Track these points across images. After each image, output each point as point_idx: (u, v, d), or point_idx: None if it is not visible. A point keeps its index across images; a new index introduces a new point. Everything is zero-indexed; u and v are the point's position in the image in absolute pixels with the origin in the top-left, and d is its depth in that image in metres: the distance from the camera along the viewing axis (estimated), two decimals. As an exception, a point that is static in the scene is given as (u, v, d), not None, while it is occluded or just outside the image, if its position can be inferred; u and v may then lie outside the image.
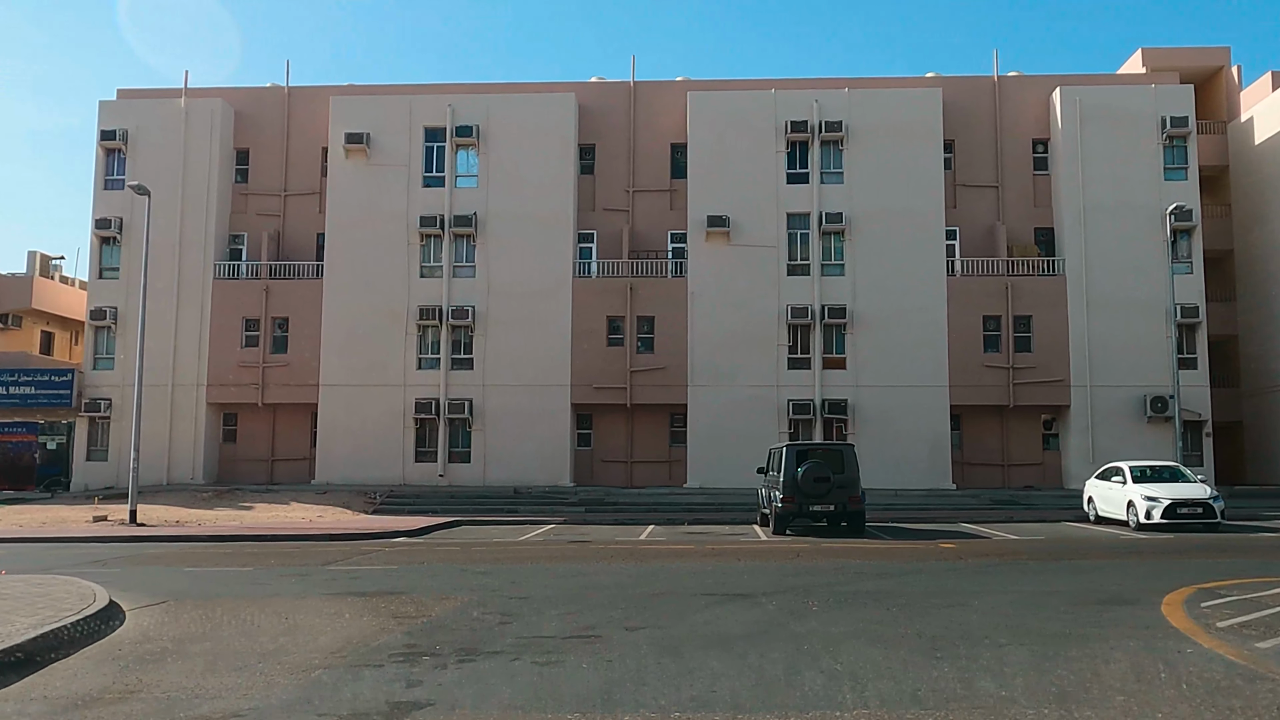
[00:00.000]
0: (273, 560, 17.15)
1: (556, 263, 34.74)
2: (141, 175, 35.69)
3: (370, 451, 34.25)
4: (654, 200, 36.15)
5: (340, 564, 16.33)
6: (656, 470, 34.94)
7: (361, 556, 17.75)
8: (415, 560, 17.02)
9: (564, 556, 17.65)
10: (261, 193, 36.91)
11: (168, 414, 34.99)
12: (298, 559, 17.36)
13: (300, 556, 17.83)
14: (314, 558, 17.52)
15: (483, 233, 34.97)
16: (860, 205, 34.35)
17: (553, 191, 35.06)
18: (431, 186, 35.39)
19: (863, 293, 34.08)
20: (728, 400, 33.81)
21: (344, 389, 34.60)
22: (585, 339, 34.38)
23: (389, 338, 34.70)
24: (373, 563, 16.60)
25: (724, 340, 34.02)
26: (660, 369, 34.18)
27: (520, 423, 34.04)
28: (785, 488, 23.05)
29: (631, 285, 34.53)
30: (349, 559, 17.24)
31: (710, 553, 18.20)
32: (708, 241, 34.50)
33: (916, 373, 33.60)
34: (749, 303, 34.12)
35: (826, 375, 33.96)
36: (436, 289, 34.82)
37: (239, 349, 35.33)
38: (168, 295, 35.35)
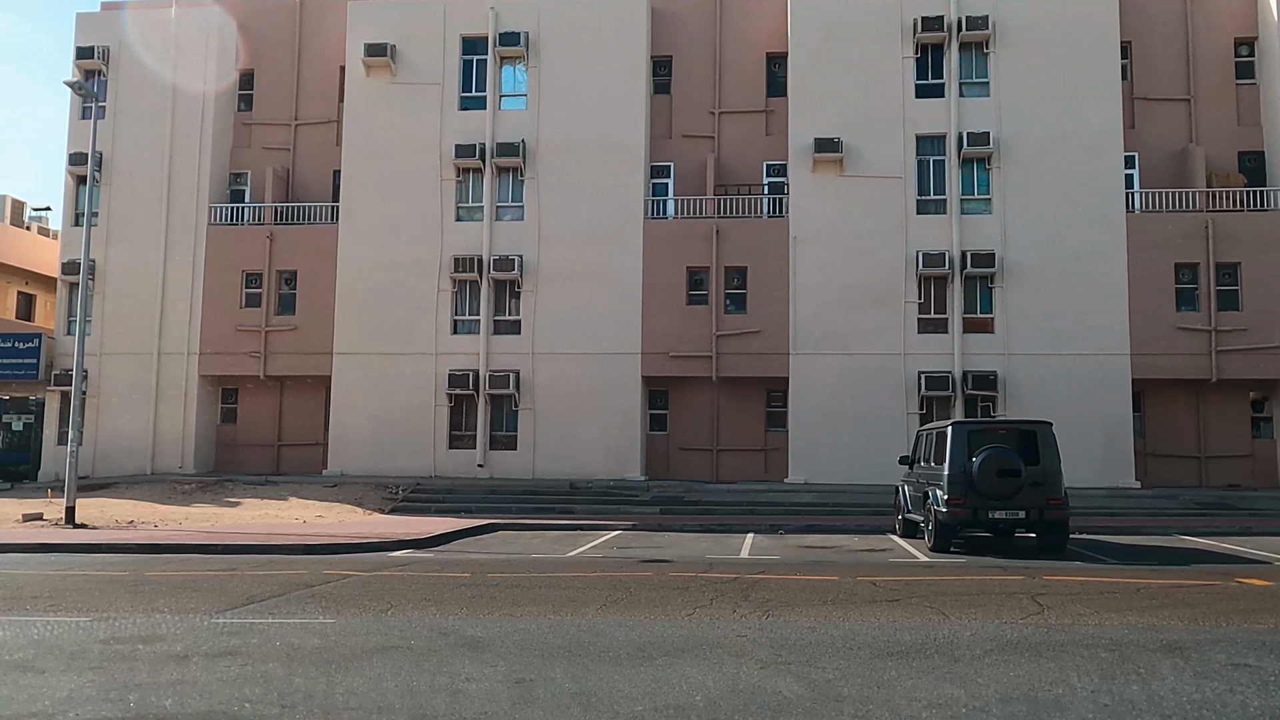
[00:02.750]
0: (157, 598, 10.50)
1: (624, 202, 27.79)
2: (125, 102, 29.64)
3: (394, 435, 27.66)
4: (745, 123, 28.98)
5: (236, 612, 9.53)
6: (749, 461, 27.84)
7: (303, 591, 10.96)
8: (381, 601, 10.15)
9: (633, 593, 10.70)
10: (268, 122, 30.51)
11: (152, 389, 28.78)
12: (199, 596, 10.69)
13: (209, 591, 11.13)
14: (225, 594, 10.80)
15: (533, 165, 28.14)
16: (1012, 125, 26.83)
17: (620, 114, 28.11)
18: (470, 109, 28.66)
19: (1015, 235, 26.57)
20: (840, 372, 26.59)
21: (362, 358, 28.05)
22: (660, 296, 27.38)
23: (417, 295, 28.07)
24: (301, 608, 9.81)
25: (836, 296, 26.79)
26: (754, 333, 27.07)
27: (578, 400, 27.18)
28: (952, 484, 15.97)
29: (718, 228, 27.44)
30: (274, 596, 10.50)
31: (868, 589, 11.09)
32: (815, 172, 27.25)
33: (1087, 337, 26.03)
34: (868, 249, 26.84)
35: (969, 340, 26.53)
36: (476, 235, 28.09)
37: (238, 309, 28.96)
38: (153, 245, 29.16)
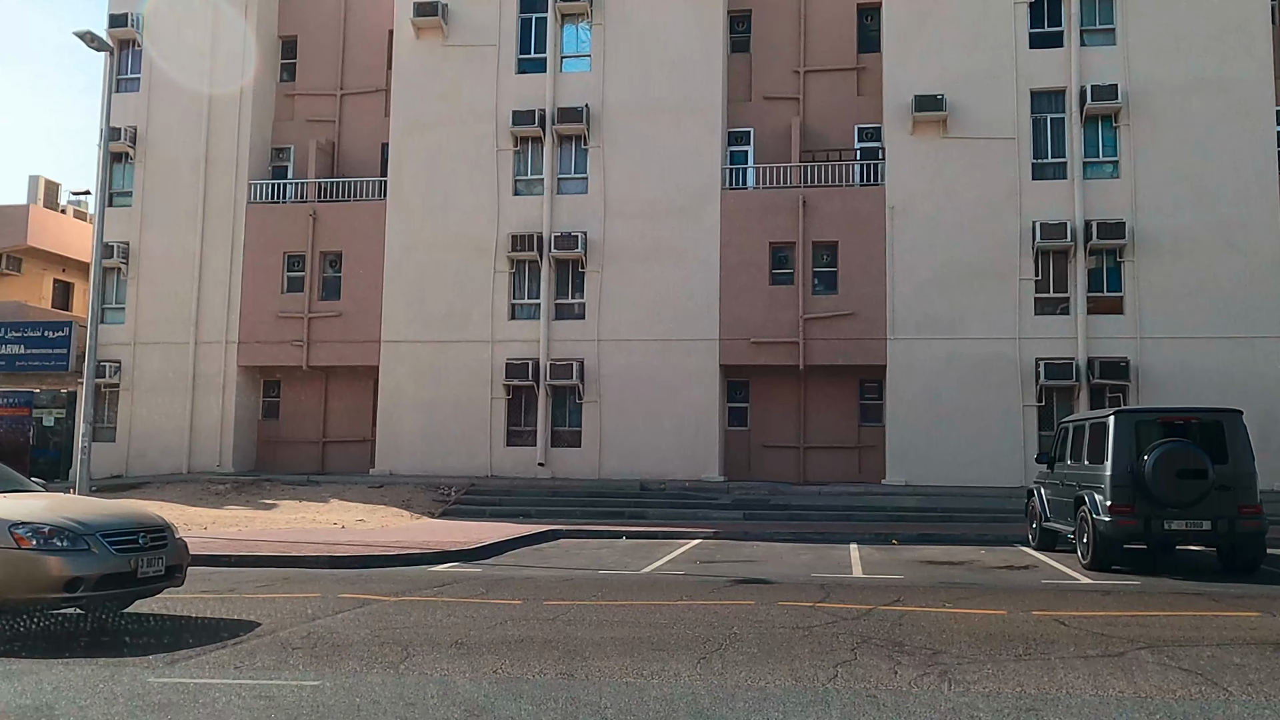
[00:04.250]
0: (101, 637, 7.89)
1: (699, 171, 24.93)
2: (160, 73, 27.47)
3: (446, 431, 25.09)
4: (834, 83, 25.95)
5: (191, 663, 6.86)
6: (840, 460, 24.81)
7: (301, 627, 8.29)
8: (396, 647, 7.41)
9: (738, 635, 7.85)
10: (311, 93, 28.18)
11: (189, 381, 26.58)
12: (156, 635, 8.11)
13: (173, 628, 8.52)
14: (192, 632, 8.17)
15: (598, 132, 25.40)
16: (1142, 75, 23.46)
17: (694, 75, 25.25)
18: (529, 72, 26.01)
19: (1148, 202, 23.19)
20: (945, 360, 23.45)
21: (412, 347, 25.56)
22: (739, 275, 24.47)
23: (472, 277, 25.49)
24: (284, 657, 7.10)
25: (939, 274, 23.66)
26: (846, 316, 24.04)
27: (649, 392, 24.38)
28: (1117, 489, 12.93)
29: (804, 198, 24.45)
30: (258, 635, 7.81)
31: (1056, 630, 8.12)
32: (914, 134, 24.14)
33: (1236, 318, 22.55)
34: (977, 219, 23.66)
35: (1095, 322, 23.22)
36: (535, 210, 25.44)
37: (279, 294, 26.65)
38: (190, 226, 26.96)
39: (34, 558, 7.52)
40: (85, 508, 8.58)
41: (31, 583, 7.53)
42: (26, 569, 7.51)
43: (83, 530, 7.76)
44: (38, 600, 7.72)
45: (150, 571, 8.13)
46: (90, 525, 7.87)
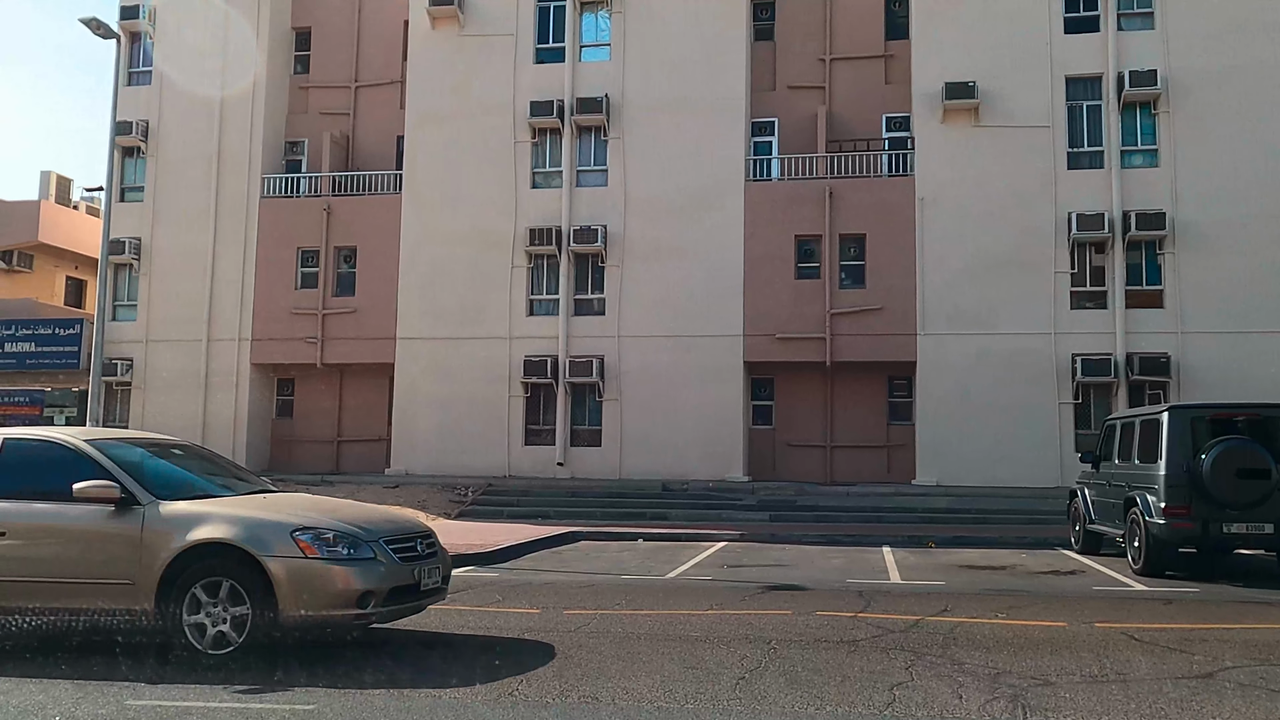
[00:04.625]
0: (86, 655, 7.22)
1: (722, 162, 24.22)
2: (172, 66, 26.94)
3: (463, 430, 24.47)
4: (861, 71, 25.20)
5: (170, 686, 6.19)
6: (868, 459, 24.04)
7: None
8: (385, 671, 6.72)
9: (777, 653, 7.17)
10: (325, 85, 27.62)
11: (201, 379, 26.06)
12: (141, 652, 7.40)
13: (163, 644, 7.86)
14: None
15: (618, 123, 24.73)
16: (1183, 60, 22.61)
17: (716, 64, 24.55)
18: (548, 62, 25.37)
19: (1189, 192, 22.34)
20: (977, 355, 22.67)
21: (428, 343, 24.96)
22: (764, 269, 23.76)
23: (489, 272, 24.86)
24: (268, 673, 6.37)
25: (971, 267, 22.88)
26: (874, 311, 23.29)
27: (671, 390, 23.69)
28: (1172, 489, 12.17)
29: (830, 189, 23.71)
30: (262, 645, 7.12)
31: (1128, 646, 7.39)
32: (945, 122, 23.37)
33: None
34: (1010, 210, 22.87)
35: (1133, 317, 22.40)
36: (554, 203, 24.79)
37: (292, 290, 26.09)
38: (203, 221, 26.45)
39: (323, 569, 6.54)
40: (353, 511, 7.59)
41: (321, 598, 6.52)
42: (315, 582, 6.51)
43: (366, 536, 6.83)
44: (326, 619, 6.63)
45: (430, 583, 7.21)
46: (373, 531, 6.97)
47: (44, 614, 6.99)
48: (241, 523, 6.73)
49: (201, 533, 6.63)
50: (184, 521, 6.76)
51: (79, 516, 6.87)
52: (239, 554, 6.56)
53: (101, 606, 6.75)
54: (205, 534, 6.62)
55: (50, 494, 7.03)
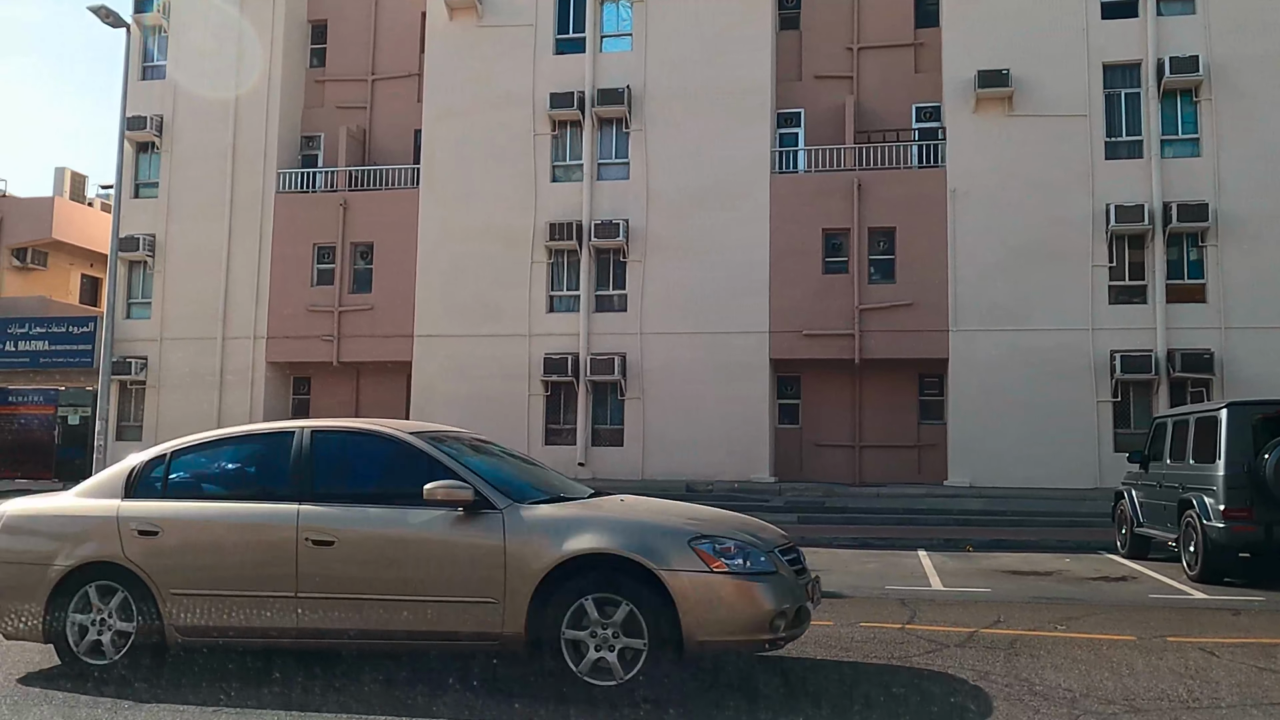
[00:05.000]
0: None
1: (747, 154, 23.57)
2: (187, 60, 26.54)
3: (482, 429, 23.47)
4: (890, 60, 24.50)
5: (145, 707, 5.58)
6: (898, 459, 23.34)
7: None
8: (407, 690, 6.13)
9: (818, 676, 6.46)
10: (342, 78, 27.14)
11: (216, 377, 25.61)
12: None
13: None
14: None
15: (640, 115, 24.13)
16: (1226, 46, 21.81)
17: (741, 53, 23.92)
18: (567, 53, 24.80)
19: (1233, 182, 21.54)
20: (1011, 352, 21.94)
21: (446, 341, 24.42)
22: (790, 264, 23.10)
23: (508, 268, 24.30)
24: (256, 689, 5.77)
25: (1005, 261, 22.15)
26: (904, 306, 22.59)
27: (694, 388, 23.05)
28: (1232, 491, 11.47)
29: (859, 182, 23.02)
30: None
31: (1204, 663, 6.73)
32: (977, 112, 22.65)
33: (1330, 305, 20.90)
34: (1045, 202, 22.12)
35: (1174, 312, 21.62)
36: (574, 197, 24.21)
37: (308, 287, 25.62)
38: (217, 217, 26.01)
39: (733, 585, 5.48)
40: (715, 515, 6.55)
41: (732, 620, 5.47)
42: (725, 601, 5.45)
43: (764, 546, 5.78)
44: (732, 644, 5.63)
45: (812, 605, 6.05)
46: (767, 540, 5.96)
47: (379, 637, 5.91)
48: (625, 529, 5.72)
49: (581, 542, 5.57)
50: (553, 528, 5.73)
51: (424, 523, 5.84)
52: (629, 568, 5.47)
53: (454, 629, 5.72)
54: (586, 544, 5.56)
55: (379, 496, 6.18)
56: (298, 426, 6.49)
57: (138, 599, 6.12)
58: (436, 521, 5.82)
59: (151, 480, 6.50)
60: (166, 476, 6.52)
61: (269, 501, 6.16)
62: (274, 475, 6.38)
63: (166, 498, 6.41)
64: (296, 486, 6.15)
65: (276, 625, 5.95)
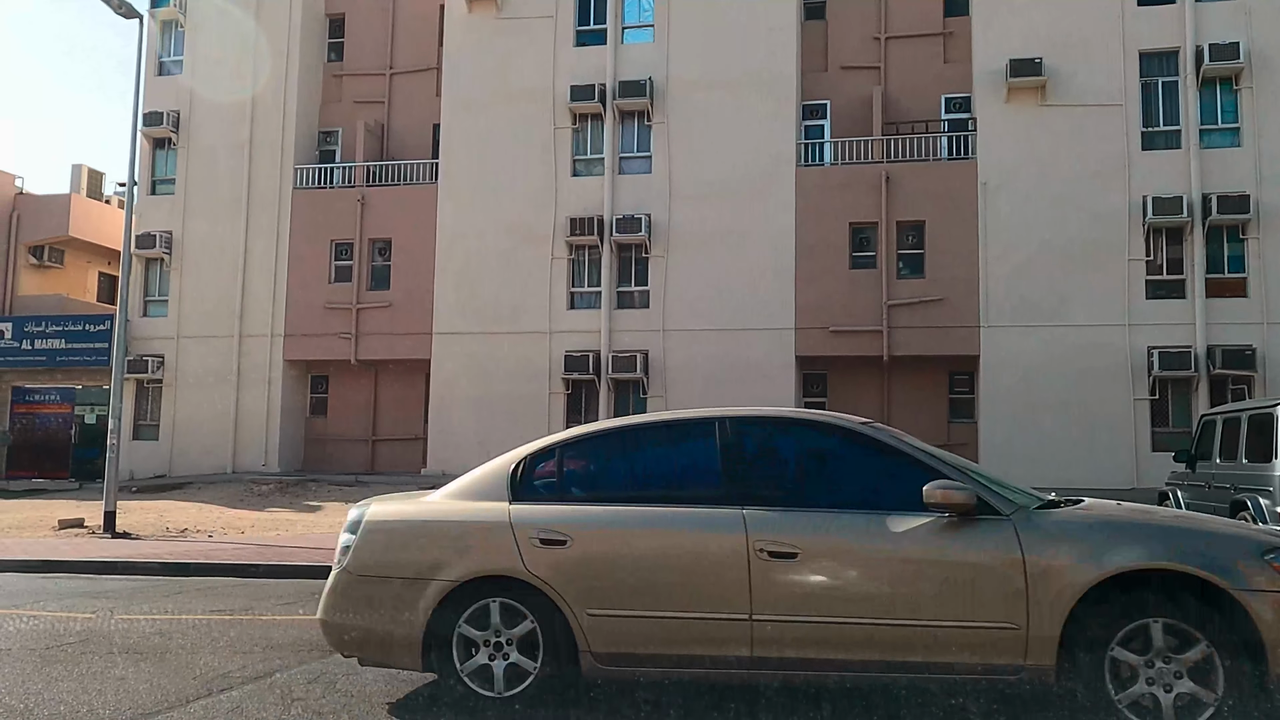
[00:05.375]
0: (64, 682, 6.25)
1: (772, 146, 23.05)
2: (203, 54, 26.31)
3: (502, 428, 23.43)
4: (919, 49, 23.92)
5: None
6: (927, 459, 22.70)
7: (312, 666, 6.57)
8: (420, 712, 5.66)
9: (882, 695, 5.91)
10: (360, 73, 26.78)
11: (233, 376, 25.32)
12: (137, 678, 6.48)
13: (165, 665, 6.95)
14: (182, 673, 6.55)
15: (662, 107, 23.65)
16: (1268, 32, 21.14)
17: (765, 44, 23.40)
18: (588, 45, 24.36)
19: (1275, 173, 20.87)
20: (1044, 348, 21.33)
21: (465, 338, 24.02)
22: (817, 259, 22.56)
23: (528, 264, 23.88)
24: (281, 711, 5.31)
25: (1037, 255, 21.54)
26: (934, 302, 22.01)
27: (718, 385, 22.52)
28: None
29: (887, 174, 22.46)
30: (257, 679, 6.11)
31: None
32: (1009, 102, 22.05)
33: (1377, 300, 20.20)
34: (1079, 195, 21.50)
35: (1214, 307, 20.96)
36: (595, 192, 23.75)
37: (326, 284, 25.27)
38: (234, 214, 25.71)
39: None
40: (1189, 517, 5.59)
41: None
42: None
43: None
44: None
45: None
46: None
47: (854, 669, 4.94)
48: (1174, 537, 4.84)
49: (1123, 555, 4.70)
50: (1081, 538, 4.83)
51: (909, 532, 4.93)
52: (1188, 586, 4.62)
53: (955, 659, 4.79)
54: (1131, 557, 4.70)
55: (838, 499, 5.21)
56: (715, 415, 5.56)
57: (543, 620, 5.18)
58: (924, 530, 4.92)
59: (540, 479, 5.63)
60: (560, 475, 5.66)
61: (700, 505, 5.23)
62: (699, 473, 5.47)
63: (564, 500, 5.51)
64: (733, 487, 5.24)
65: (724, 653, 4.98)
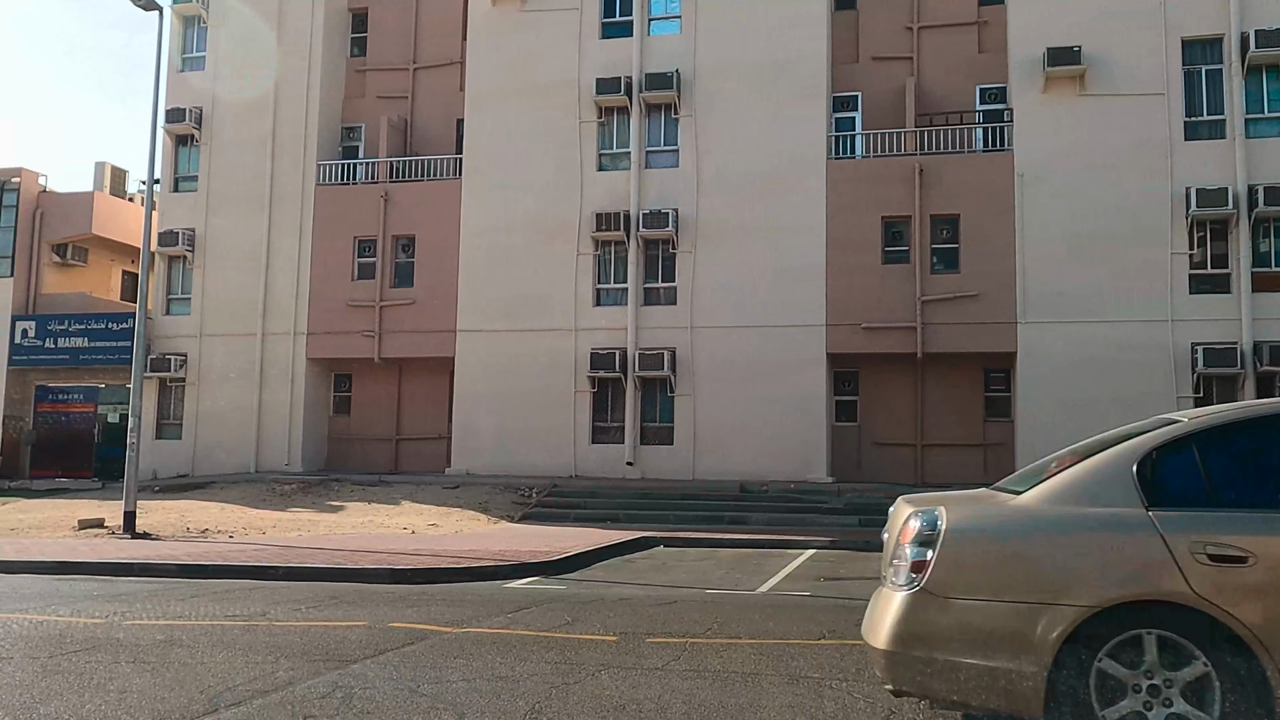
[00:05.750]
0: (63, 697, 5.85)
1: (801, 140, 22.55)
2: (225, 50, 26.10)
3: (526, 428, 23.12)
4: (952, 39, 23.37)
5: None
6: (963, 459, 22.19)
7: (329, 677, 6.20)
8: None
9: (930, 708, 5.46)
10: (383, 67, 26.49)
11: (256, 375, 25.06)
12: (141, 689, 6.05)
13: (170, 676, 6.53)
14: (187, 685, 6.12)
15: (689, 99, 23.20)
16: (1315, 17, 20.49)
17: (794, 35, 22.91)
18: (614, 37, 23.95)
19: (1324, 162, 20.23)
20: (1083, 345, 20.74)
21: (489, 336, 23.66)
22: (848, 254, 22.05)
23: (553, 260, 23.48)
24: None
25: (1076, 249, 20.95)
26: (969, 297, 21.45)
27: (748, 384, 22.10)
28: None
29: (920, 167, 21.91)
30: (270, 691, 5.71)
31: None
32: (1046, 92, 21.45)
33: None
34: (1119, 187, 20.90)
35: (1261, 302, 20.30)
36: (621, 186, 23.33)
37: (349, 282, 24.96)
38: (257, 211, 25.46)
39: None
40: None
41: None
42: None
43: None
44: None
45: None
46: None
47: None
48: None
49: None
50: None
51: None
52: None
53: None
54: None
55: None
56: None
57: (1219, 661, 4.14)
58: None
59: (1180, 477, 4.49)
60: (1208, 471, 4.47)
61: None
62: None
63: (1225, 505, 4.39)
64: None
65: None
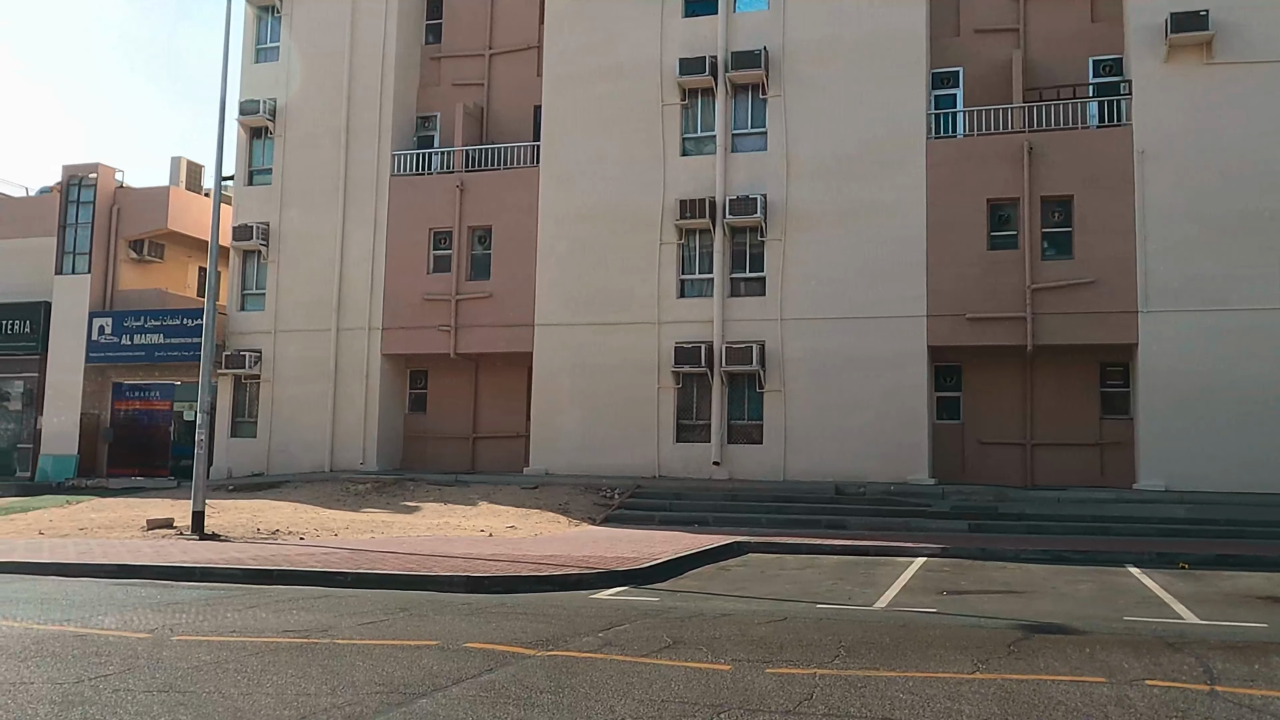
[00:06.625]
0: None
1: (899, 118, 21.13)
2: (300, 41, 25.47)
3: (608, 425, 22.06)
4: (1062, 9, 21.72)
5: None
6: (1077, 459, 20.58)
7: (389, 714, 5.13)
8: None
9: None
10: (458, 54, 25.63)
11: (330, 371, 24.39)
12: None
13: (205, 710, 5.50)
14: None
15: (777, 79, 21.92)
16: None
17: (890, 8, 21.50)
18: (698, 15, 22.77)
19: None
20: (1211, 335, 19.00)
21: (569, 330, 22.66)
22: (950, 239, 20.57)
23: (635, 250, 22.39)
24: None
25: (1204, 231, 19.21)
26: (1084, 285, 19.82)
27: (842, 379, 20.76)
28: None
29: (1029, 144, 20.34)
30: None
31: None
32: (1169, 62, 19.75)
33: None
34: (1252, 163, 19.11)
35: None
36: (706, 171, 22.14)
37: (424, 275, 24.14)
38: (331, 202, 24.80)
39: None
40: None
41: None
42: None
43: None
44: None
45: None
46: None
47: None
48: None
49: None
50: None
51: None
52: None
53: None
54: None
55: None
56: None
57: None
58: None
59: None
60: None
61: None
62: None
63: None
64: None
65: None
